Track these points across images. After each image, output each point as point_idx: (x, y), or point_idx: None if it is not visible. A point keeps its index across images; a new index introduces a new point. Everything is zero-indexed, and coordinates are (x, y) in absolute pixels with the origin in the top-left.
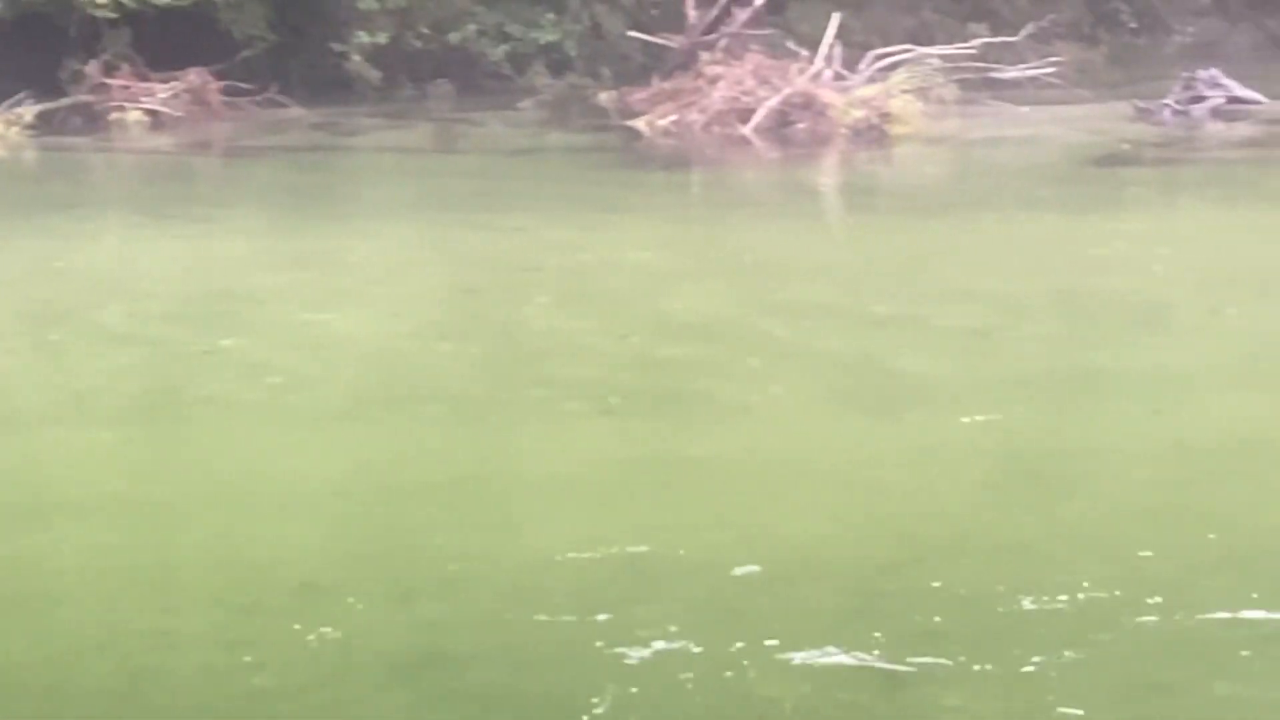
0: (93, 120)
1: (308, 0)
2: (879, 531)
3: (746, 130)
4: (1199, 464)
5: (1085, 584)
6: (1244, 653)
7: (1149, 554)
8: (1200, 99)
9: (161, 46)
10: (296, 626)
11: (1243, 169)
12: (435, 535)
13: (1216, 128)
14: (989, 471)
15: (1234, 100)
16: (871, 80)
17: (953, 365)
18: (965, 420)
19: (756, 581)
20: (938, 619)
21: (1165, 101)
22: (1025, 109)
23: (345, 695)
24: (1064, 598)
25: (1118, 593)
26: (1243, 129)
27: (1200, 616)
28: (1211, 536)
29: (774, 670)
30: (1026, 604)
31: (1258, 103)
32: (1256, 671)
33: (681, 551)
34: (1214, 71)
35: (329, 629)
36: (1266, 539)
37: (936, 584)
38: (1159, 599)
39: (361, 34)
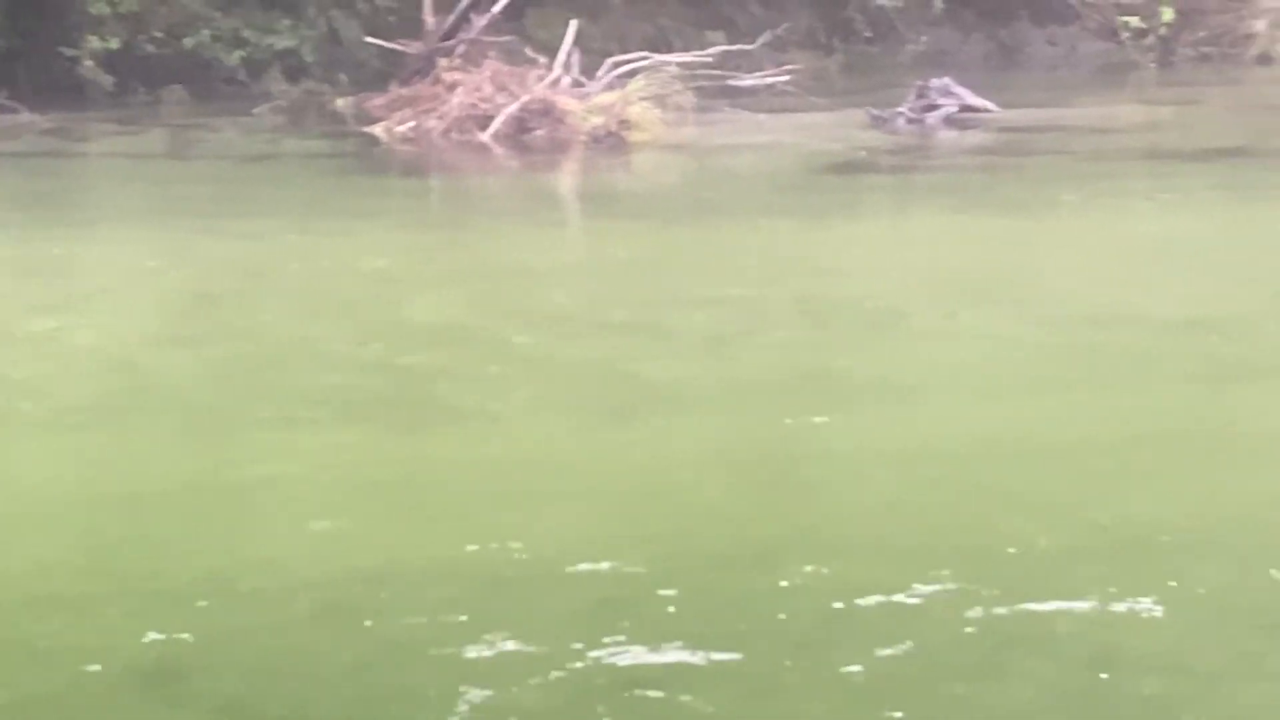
0: None
1: (38, 4)
2: (625, 536)
3: (485, 137)
4: (938, 466)
5: (830, 584)
6: (969, 658)
7: (886, 552)
8: (934, 107)
9: None
10: (27, 637)
11: (975, 176)
12: (171, 545)
13: (949, 135)
14: (732, 475)
15: (966, 108)
16: (610, 87)
17: (693, 371)
18: (707, 425)
19: (498, 586)
20: (686, 622)
21: (899, 110)
22: (762, 116)
23: (79, 706)
24: (809, 599)
25: (859, 592)
26: (975, 137)
27: (943, 614)
28: (950, 537)
29: (513, 676)
30: (773, 606)
31: (989, 111)
32: (990, 668)
33: (422, 558)
34: (947, 80)
35: (62, 639)
36: (1003, 539)
37: (680, 588)
38: (905, 598)
39: (93, 39)
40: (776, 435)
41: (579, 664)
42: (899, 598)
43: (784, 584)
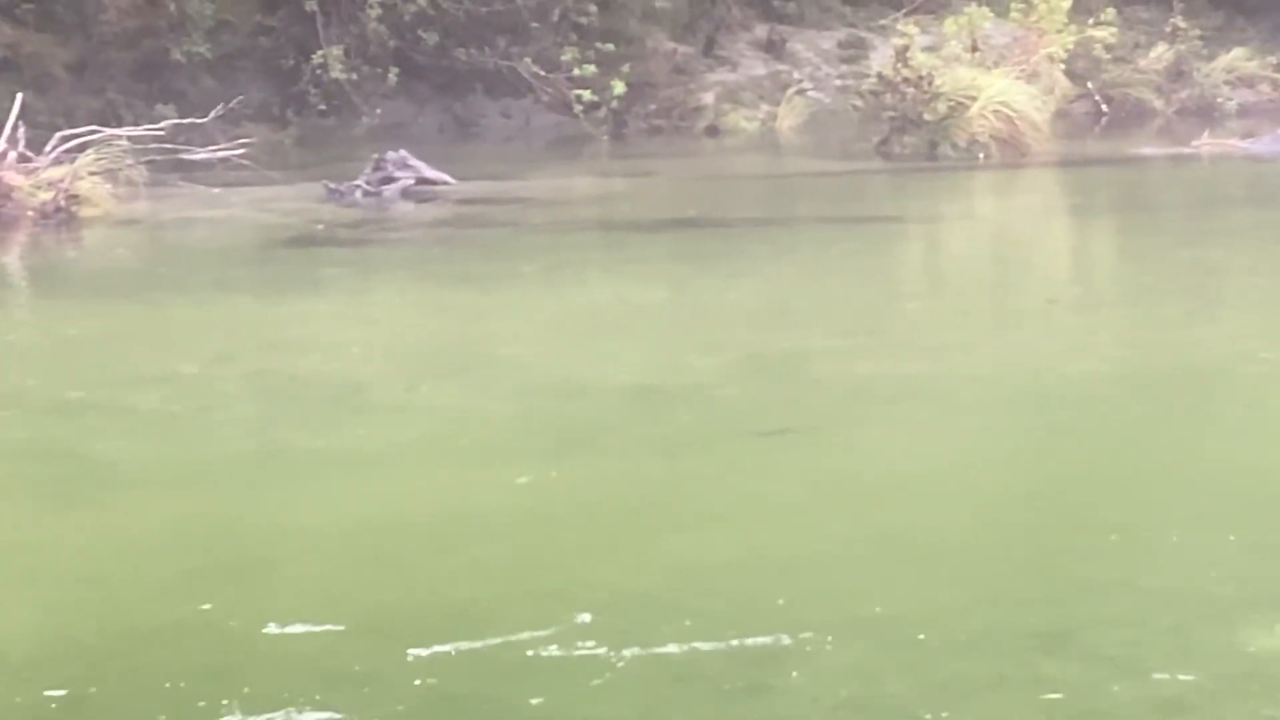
0: None
1: None
2: (79, 623)
3: None
4: (400, 539)
5: (309, 666)
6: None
7: (358, 631)
8: (390, 180)
9: None
10: None
11: (434, 249)
12: None
13: (407, 208)
14: (192, 556)
15: (423, 181)
16: (58, 162)
17: (150, 450)
18: (161, 504)
19: None
20: (143, 713)
21: (356, 182)
22: (217, 191)
23: None
24: (282, 685)
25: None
26: (433, 209)
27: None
28: (407, 608)
29: None
30: (254, 691)
31: (447, 183)
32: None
33: None
34: (403, 153)
35: None
36: (458, 605)
37: (140, 676)
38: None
39: None
40: (232, 512)
41: None
42: (367, 676)
43: (258, 664)
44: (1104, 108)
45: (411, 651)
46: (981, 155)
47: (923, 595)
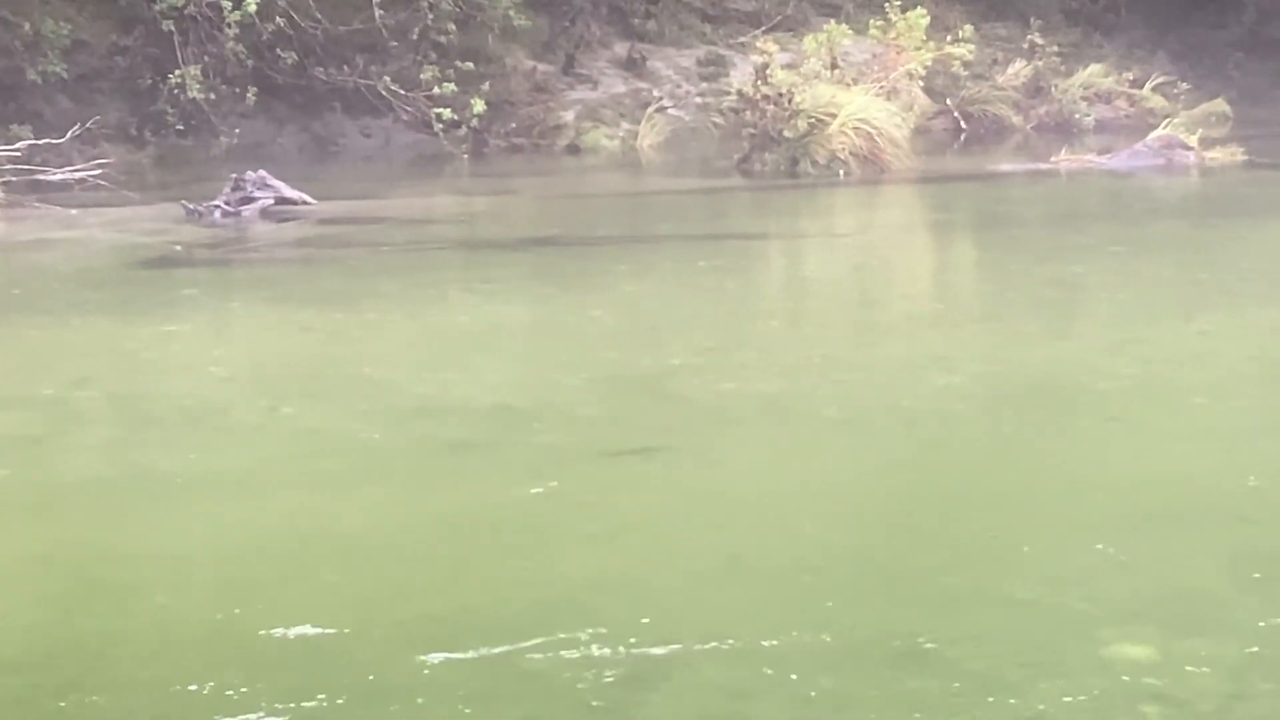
0: None
1: None
2: None
3: None
4: (259, 563)
5: (161, 692)
6: None
7: (215, 658)
8: (250, 200)
9: None
10: None
11: (294, 269)
12: None
13: (267, 228)
14: (52, 581)
15: (283, 201)
16: None
17: (7, 473)
18: (17, 531)
19: None
20: None
21: (215, 203)
22: (74, 211)
23: None
24: (136, 712)
25: (183, 697)
26: (293, 229)
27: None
28: (253, 635)
29: None
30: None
31: (307, 203)
32: None
33: None
34: (263, 173)
35: None
36: (311, 636)
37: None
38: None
39: None
40: (92, 537)
41: None
42: (225, 699)
43: (115, 691)
44: (963, 124)
45: (267, 676)
46: (842, 172)
47: (786, 614)
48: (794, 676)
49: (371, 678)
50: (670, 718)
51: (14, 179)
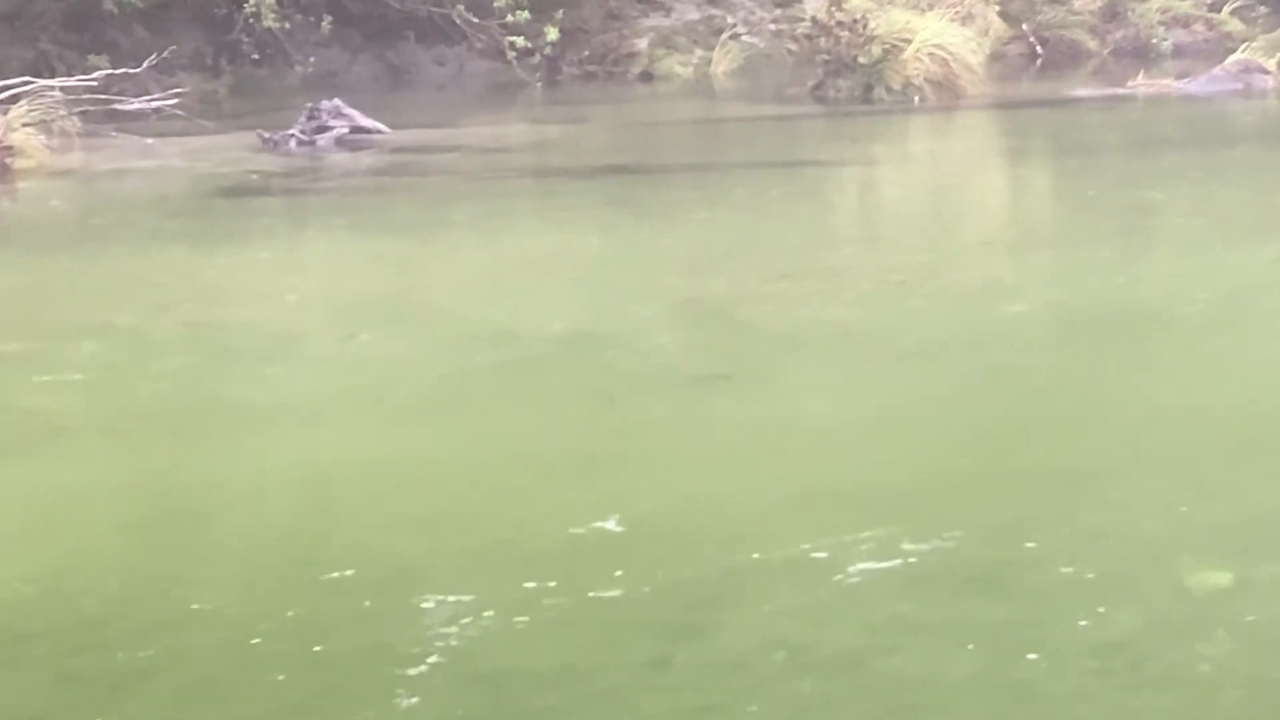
0: None
1: None
2: (16, 575)
3: None
4: (344, 490)
5: (239, 617)
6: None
7: (289, 578)
8: (325, 129)
9: None
10: None
11: (368, 197)
12: None
13: (342, 157)
14: (131, 508)
15: (358, 130)
16: None
17: (86, 401)
18: (99, 457)
19: None
20: (79, 664)
21: (290, 132)
22: (150, 141)
23: None
24: (212, 634)
25: (259, 626)
26: (367, 158)
27: (340, 646)
28: (357, 561)
29: None
30: (178, 642)
31: (381, 132)
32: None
33: None
34: (337, 101)
35: None
36: (409, 561)
37: (77, 628)
38: (303, 630)
39: None
40: (176, 464)
41: None
42: (303, 623)
43: (192, 615)
44: (1038, 49)
45: (354, 603)
46: (916, 98)
47: (857, 539)
48: (866, 602)
49: (446, 605)
50: (744, 641)
51: (91, 109)
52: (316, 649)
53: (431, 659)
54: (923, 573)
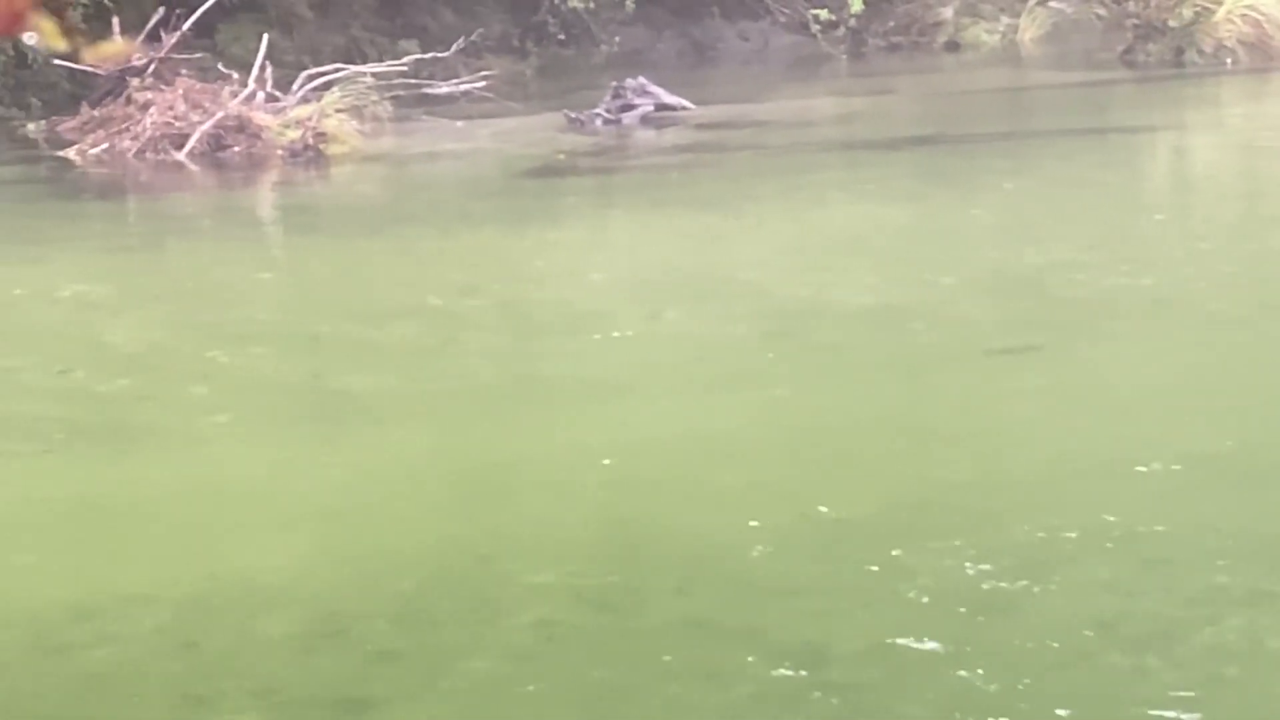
0: None
1: None
2: (338, 554)
3: (181, 156)
4: (653, 465)
5: (553, 593)
6: (687, 655)
7: (604, 554)
8: (630, 107)
9: None
10: None
11: (673, 175)
12: None
13: (647, 134)
14: (445, 486)
15: (662, 107)
16: (305, 100)
17: (400, 381)
18: (417, 436)
19: (213, 613)
20: (398, 641)
21: (596, 111)
22: (460, 123)
23: None
24: (527, 612)
25: (578, 595)
26: (672, 135)
27: (661, 612)
28: (668, 533)
29: (232, 704)
30: (492, 619)
31: (685, 108)
32: (707, 667)
33: (130, 588)
34: (642, 80)
35: None
36: (720, 533)
37: (395, 605)
38: (624, 597)
39: None
40: (487, 442)
41: (299, 690)
42: (617, 598)
43: (507, 591)
44: None
45: (654, 575)
46: (1229, 61)
47: (1172, 509)
48: (1182, 574)
49: (754, 578)
50: (1062, 613)
51: (403, 93)
52: (628, 625)
53: (743, 636)
54: (1240, 543)
